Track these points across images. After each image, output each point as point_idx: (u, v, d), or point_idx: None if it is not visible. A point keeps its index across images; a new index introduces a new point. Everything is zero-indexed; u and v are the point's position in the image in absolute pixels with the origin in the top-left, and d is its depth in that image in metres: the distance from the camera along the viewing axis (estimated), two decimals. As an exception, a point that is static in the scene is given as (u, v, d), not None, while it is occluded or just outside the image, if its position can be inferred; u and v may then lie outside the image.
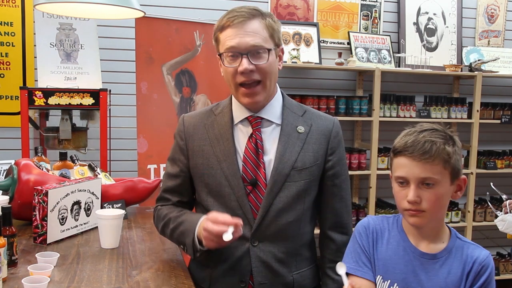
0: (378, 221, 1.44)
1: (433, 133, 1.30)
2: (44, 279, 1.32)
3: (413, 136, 1.31)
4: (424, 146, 1.27)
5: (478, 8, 4.21)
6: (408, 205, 1.29)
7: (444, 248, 1.35)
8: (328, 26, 3.93)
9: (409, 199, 1.29)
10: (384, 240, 1.40)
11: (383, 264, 1.37)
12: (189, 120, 1.64)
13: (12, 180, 1.91)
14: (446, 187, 1.30)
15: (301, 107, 1.64)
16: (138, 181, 2.20)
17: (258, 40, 1.47)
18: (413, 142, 1.29)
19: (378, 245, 1.40)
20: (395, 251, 1.37)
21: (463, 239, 1.38)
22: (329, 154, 1.59)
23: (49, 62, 3.05)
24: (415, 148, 1.28)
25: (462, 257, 1.33)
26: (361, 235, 1.43)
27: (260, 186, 1.52)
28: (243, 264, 1.53)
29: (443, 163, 1.27)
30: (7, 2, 3.32)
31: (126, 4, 2.24)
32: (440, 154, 1.27)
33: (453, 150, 1.29)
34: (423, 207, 1.29)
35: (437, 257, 1.33)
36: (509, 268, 4.15)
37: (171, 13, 3.41)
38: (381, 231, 1.42)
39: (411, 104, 3.86)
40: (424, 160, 1.27)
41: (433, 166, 1.27)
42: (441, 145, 1.27)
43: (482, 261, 1.31)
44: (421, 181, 1.28)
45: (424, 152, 1.27)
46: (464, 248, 1.35)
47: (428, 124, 1.36)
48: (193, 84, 3.19)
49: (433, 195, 1.28)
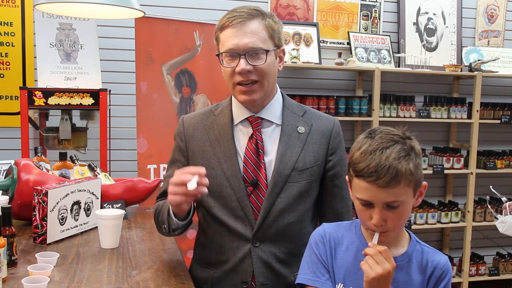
0: (334, 228, 1.40)
1: (395, 150, 1.21)
2: (44, 279, 1.32)
3: (376, 156, 1.21)
4: (390, 172, 1.19)
5: (478, 8, 4.21)
6: (373, 226, 1.26)
7: (404, 253, 1.33)
8: (328, 26, 3.93)
9: (375, 223, 1.24)
10: (343, 247, 1.37)
11: (344, 271, 1.34)
12: (188, 121, 1.64)
13: (12, 180, 1.91)
14: (410, 202, 1.26)
15: (301, 107, 1.64)
16: (138, 181, 2.20)
17: (256, 41, 1.47)
18: (377, 167, 1.20)
19: (337, 253, 1.37)
20: (355, 257, 1.33)
21: (422, 244, 1.36)
22: (330, 154, 1.59)
23: (49, 62, 3.04)
24: (379, 174, 1.19)
25: (422, 262, 1.32)
26: (318, 244, 1.37)
27: (261, 187, 1.52)
28: (244, 265, 1.53)
29: (407, 183, 1.22)
30: (7, 2, 3.32)
31: (126, 4, 2.24)
32: (406, 176, 1.21)
33: (416, 164, 1.23)
34: (388, 227, 1.25)
35: (397, 261, 1.29)
36: (509, 268, 4.15)
37: (171, 13, 3.41)
38: (338, 239, 1.38)
39: (411, 104, 3.85)
40: (390, 186, 1.20)
41: (399, 189, 1.21)
42: (405, 167, 1.20)
43: (442, 266, 1.31)
44: (386, 204, 1.23)
45: (390, 179, 1.19)
46: (423, 252, 1.34)
47: (386, 131, 1.27)
48: (193, 84, 3.19)
49: (398, 215, 1.24)
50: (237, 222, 1.53)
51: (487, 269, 4.11)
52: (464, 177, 4.03)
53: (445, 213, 3.96)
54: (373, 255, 1.21)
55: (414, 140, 1.28)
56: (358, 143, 1.28)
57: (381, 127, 1.30)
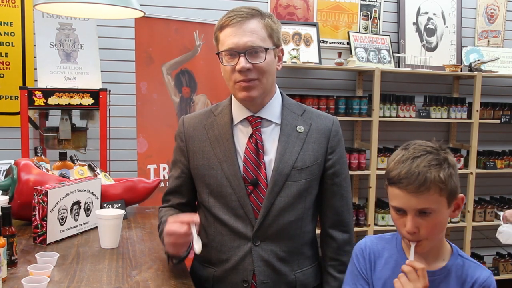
0: (375, 241, 1.43)
1: (427, 159, 1.26)
2: (43, 279, 1.31)
3: (406, 165, 1.26)
4: (418, 179, 1.23)
5: (478, 8, 4.21)
6: (407, 234, 1.27)
7: (443, 267, 1.32)
8: (327, 26, 3.93)
9: (408, 230, 1.26)
10: (382, 260, 1.39)
11: (382, 284, 1.36)
12: (188, 121, 1.65)
13: (12, 180, 1.91)
14: (444, 212, 1.27)
15: (300, 107, 1.64)
16: (138, 181, 2.20)
17: (256, 40, 1.48)
18: (407, 174, 1.24)
19: (376, 266, 1.39)
20: (394, 270, 1.34)
21: (465, 256, 1.35)
22: (329, 153, 1.59)
23: (48, 62, 3.05)
24: (409, 180, 1.24)
25: (461, 276, 1.30)
26: (358, 257, 1.43)
27: (261, 186, 1.52)
28: (245, 263, 1.53)
29: (439, 191, 1.24)
30: (7, 2, 3.32)
31: (126, 4, 2.24)
32: (436, 183, 1.23)
33: (448, 174, 1.25)
34: (422, 236, 1.26)
35: (435, 275, 1.29)
36: (509, 268, 4.15)
37: (170, 13, 3.41)
38: (378, 252, 1.41)
39: (410, 104, 3.85)
40: (419, 192, 1.23)
41: (429, 196, 1.24)
42: (435, 174, 1.23)
43: (482, 282, 1.28)
44: (418, 211, 1.25)
45: (419, 185, 1.23)
46: (464, 266, 1.32)
47: (420, 143, 1.31)
48: (193, 84, 3.19)
49: (431, 223, 1.26)
50: (238, 221, 1.53)
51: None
52: (464, 177, 4.03)
53: (445, 213, 3.95)
54: (408, 272, 1.23)
55: (449, 152, 1.31)
56: (394, 155, 1.33)
57: (418, 141, 1.34)
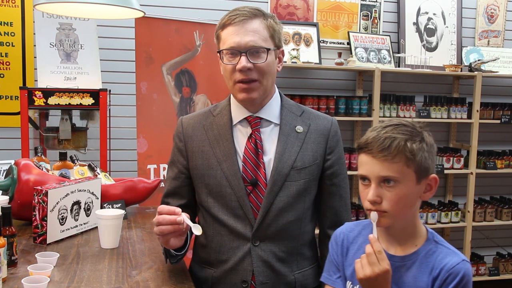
0: (352, 227, 1.41)
1: (397, 129, 1.23)
2: (44, 279, 1.32)
3: (375, 131, 1.24)
4: (384, 143, 1.20)
5: (478, 8, 4.21)
6: (369, 204, 1.23)
7: (414, 252, 1.26)
8: (328, 26, 3.93)
9: (368, 198, 1.22)
10: (355, 246, 1.36)
11: (352, 270, 1.32)
12: (187, 121, 1.64)
13: (12, 180, 1.91)
14: (411, 186, 1.22)
15: (299, 107, 1.64)
16: (138, 181, 2.20)
17: (258, 40, 1.48)
18: (374, 139, 1.22)
19: (349, 252, 1.36)
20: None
21: (441, 242, 1.28)
22: (328, 153, 1.60)
23: (49, 62, 3.05)
24: (374, 145, 1.21)
25: (430, 263, 1.24)
26: (332, 244, 1.42)
27: (261, 186, 1.52)
28: (244, 264, 1.53)
29: (405, 161, 1.20)
30: (7, 2, 3.32)
31: (126, 4, 2.24)
32: (401, 151, 1.19)
33: (419, 147, 1.21)
34: (384, 207, 1.22)
35: (404, 260, 1.25)
36: (509, 268, 4.16)
37: (170, 13, 3.41)
38: (353, 238, 1.38)
39: (411, 104, 3.86)
40: (383, 157, 1.20)
41: (393, 163, 1.20)
42: (401, 142, 1.20)
43: (449, 268, 1.21)
44: (381, 180, 1.21)
45: (382, 149, 1.20)
46: (436, 252, 1.25)
47: (397, 119, 1.28)
48: (193, 84, 3.19)
49: (394, 194, 1.21)
50: (237, 221, 1.53)
51: (487, 269, 4.11)
52: (464, 177, 4.04)
53: (445, 213, 3.96)
54: (367, 254, 1.20)
55: (428, 132, 1.27)
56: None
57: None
